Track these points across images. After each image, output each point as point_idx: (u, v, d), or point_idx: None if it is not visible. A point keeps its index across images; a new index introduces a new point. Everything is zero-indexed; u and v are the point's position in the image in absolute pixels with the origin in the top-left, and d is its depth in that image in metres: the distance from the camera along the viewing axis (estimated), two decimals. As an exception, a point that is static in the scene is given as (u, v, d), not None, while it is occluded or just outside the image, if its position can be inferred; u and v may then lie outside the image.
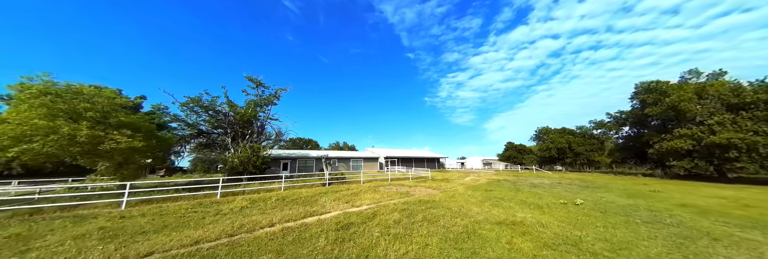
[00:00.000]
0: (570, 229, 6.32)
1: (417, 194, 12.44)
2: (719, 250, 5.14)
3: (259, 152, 16.95)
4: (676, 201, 11.20)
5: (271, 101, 19.72)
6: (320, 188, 14.20)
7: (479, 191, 13.71)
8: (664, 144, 25.68)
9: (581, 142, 41.89)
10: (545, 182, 20.27)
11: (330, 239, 5.29)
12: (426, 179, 20.81)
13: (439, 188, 14.96)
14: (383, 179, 19.70)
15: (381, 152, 34.28)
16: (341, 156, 27.80)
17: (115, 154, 10.45)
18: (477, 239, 5.42)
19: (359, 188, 14.06)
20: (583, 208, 9.13)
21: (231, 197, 11.27)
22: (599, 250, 4.90)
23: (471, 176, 25.17)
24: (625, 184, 19.62)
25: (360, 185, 15.69)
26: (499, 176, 26.74)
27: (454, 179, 22.53)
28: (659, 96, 27.27)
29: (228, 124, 16.87)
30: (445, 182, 18.60)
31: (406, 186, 15.78)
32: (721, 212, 8.88)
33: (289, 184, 14.77)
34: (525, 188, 15.08)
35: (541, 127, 48.11)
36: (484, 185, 17.13)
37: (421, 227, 6.23)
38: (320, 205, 9.26)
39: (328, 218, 7.25)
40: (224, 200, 10.53)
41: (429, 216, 7.43)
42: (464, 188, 15.08)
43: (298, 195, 11.65)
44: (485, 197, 11.29)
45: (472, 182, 19.00)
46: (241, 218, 7.34)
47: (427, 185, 16.31)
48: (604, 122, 39.25)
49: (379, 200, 10.19)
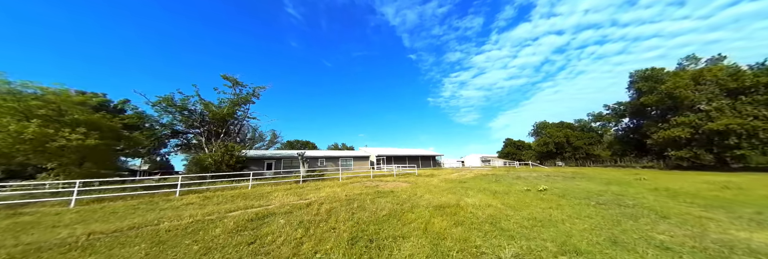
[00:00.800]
0: (505, 210, 5.82)
1: (384, 187, 11.98)
2: (660, 226, 4.59)
3: (233, 151, 16.76)
4: (652, 186, 10.49)
5: (248, 100, 19.60)
6: (290, 185, 13.85)
7: (453, 183, 13.18)
8: (661, 134, 24.63)
9: (579, 136, 40.75)
10: (533, 175, 19.54)
11: (228, 229, 4.91)
12: (410, 175, 20.28)
13: (414, 182, 14.45)
14: (365, 175, 19.27)
15: (372, 150, 33.81)
16: (329, 155, 27.48)
17: (68, 152, 10.35)
18: (392, 221, 4.99)
19: (329, 184, 13.68)
20: (545, 193, 8.55)
21: (189, 195, 11.02)
22: (515, 227, 4.42)
23: (461, 172, 24.51)
24: (616, 175, 18.76)
25: (335, 182, 15.30)
26: (492, 171, 26.02)
27: (441, 174, 21.95)
28: (654, 84, 26.29)
29: (201, 123, 16.77)
30: (427, 177, 18.07)
31: (383, 181, 15.32)
32: (694, 194, 8.21)
33: (261, 182, 14.47)
34: (505, 180, 14.47)
35: (539, 122, 47.08)
36: (466, 178, 16.55)
37: (346, 213, 5.82)
38: (266, 199, 8.91)
39: (256, 211, 6.89)
40: (178, 198, 10.28)
41: (367, 204, 7.00)
42: (441, 181, 14.55)
43: (260, 192, 11.33)
44: (452, 187, 10.78)
45: (457, 177, 18.41)
46: (169, 212, 7.06)
47: (404, 180, 15.83)
48: (603, 115, 38.13)
49: (336, 193, 9.79)
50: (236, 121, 19.43)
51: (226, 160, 16.50)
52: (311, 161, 25.98)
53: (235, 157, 16.83)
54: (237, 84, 19.25)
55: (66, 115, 10.89)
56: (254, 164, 22.95)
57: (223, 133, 17.72)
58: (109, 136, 12.46)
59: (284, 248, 3.76)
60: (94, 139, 11.06)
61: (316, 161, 26.18)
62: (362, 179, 17.71)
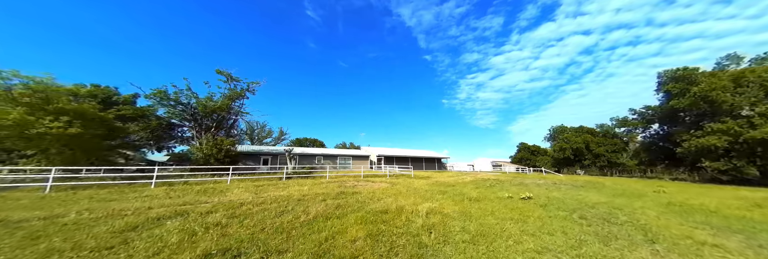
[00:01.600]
0: (454, 219, 4.87)
1: (359, 187, 11.23)
2: (634, 255, 3.47)
3: (222, 145, 16.72)
4: (667, 200, 8.88)
5: (242, 95, 19.63)
6: (269, 182, 13.46)
7: (438, 186, 12.15)
8: (693, 142, 21.82)
9: (601, 142, 37.58)
10: (538, 182, 17.93)
11: (114, 229, 4.34)
12: (402, 177, 19.34)
13: (398, 184, 13.56)
14: (355, 175, 18.59)
15: (373, 150, 33.09)
16: (328, 153, 27.11)
17: (49, 139, 10.59)
18: (301, 229, 4.24)
19: (307, 182, 13.13)
20: (526, 202, 7.38)
21: (162, 187, 10.90)
22: (439, 241, 3.51)
23: (462, 176, 23.14)
24: (634, 186, 16.68)
25: (317, 180, 14.75)
26: (496, 176, 24.37)
27: (437, 177, 20.80)
28: (687, 85, 23.43)
29: (192, 116, 16.92)
30: (418, 179, 17.09)
31: (368, 181, 14.57)
32: (713, 211, 6.71)
33: (243, 177, 14.23)
34: (498, 187, 13.19)
35: (556, 127, 44.12)
36: (459, 183, 15.39)
37: (262, 216, 5.14)
38: (220, 195, 8.46)
39: (181, 208, 6.40)
40: (149, 189, 10.16)
41: (309, 206, 6.28)
42: (427, 184, 13.53)
43: (225, 187, 10.96)
44: (430, 190, 9.81)
45: (450, 181, 17.24)
46: (116, 204, 6.78)
47: (390, 181, 14.98)
48: (628, 120, 34.92)
49: (297, 192, 9.17)
50: (229, 115, 19.50)
51: (215, 154, 16.48)
52: (309, 159, 25.73)
53: (225, 151, 16.78)
54: (231, 79, 19.32)
55: (51, 104, 11.18)
56: (251, 160, 23.03)
57: (215, 127, 17.78)
58: (95, 125, 12.74)
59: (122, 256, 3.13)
60: (77, 128, 11.26)
61: (313, 158, 25.89)
62: (350, 178, 17.04)
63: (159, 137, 17.70)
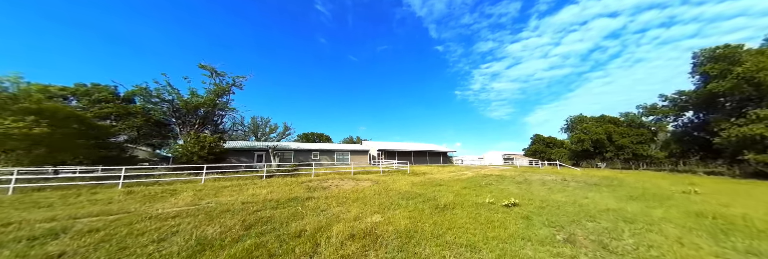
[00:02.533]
0: (380, 246, 3.59)
1: (333, 189, 10.16)
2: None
3: (205, 142, 16.17)
4: (699, 206, 7.09)
5: (227, 90, 18.92)
6: (244, 181, 12.70)
7: (426, 186, 10.83)
8: (733, 131, 18.86)
9: (625, 132, 34.26)
10: (546, 179, 16.17)
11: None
12: (395, 173, 18.13)
13: (382, 182, 12.37)
14: (345, 171, 17.58)
15: (373, 144, 31.94)
16: (324, 149, 26.28)
17: (17, 139, 10.27)
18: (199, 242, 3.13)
19: (281, 182, 12.23)
20: (507, 212, 5.93)
21: (124, 189, 10.37)
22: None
23: (463, 172, 21.58)
24: (660, 183, 14.51)
25: (296, 178, 13.86)
26: (502, 172, 22.57)
27: (433, 173, 19.44)
28: (728, 66, 20.13)
29: (175, 113, 16.44)
30: (409, 176, 15.82)
31: (350, 179, 13.51)
32: (762, 231, 4.97)
33: (221, 176, 13.60)
34: (496, 186, 11.67)
35: (574, 116, 40.82)
36: (453, 180, 13.99)
37: (141, 239, 4.11)
38: (162, 200, 7.63)
39: (83, 221, 5.53)
40: (106, 192, 9.62)
41: (211, 225, 5.22)
42: (414, 182, 12.24)
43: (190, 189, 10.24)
44: (408, 193, 8.54)
45: (446, 177, 15.84)
46: (19, 214, 6.06)
47: (377, 179, 13.82)
48: (657, 107, 31.40)
49: (253, 196, 8.20)
50: (216, 111, 18.92)
51: (198, 151, 15.98)
52: (305, 155, 25.07)
53: (208, 148, 16.24)
54: (216, 74, 18.59)
55: (17, 103, 10.83)
56: (244, 156, 22.63)
57: (199, 123, 17.26)
58: (69, 124, 12.42)
59: None
60: (44, 127, 10.89)
61: (309, 154, 25.19)
62: (337, 175, 16.05)
63: (148, 135, 17.46)
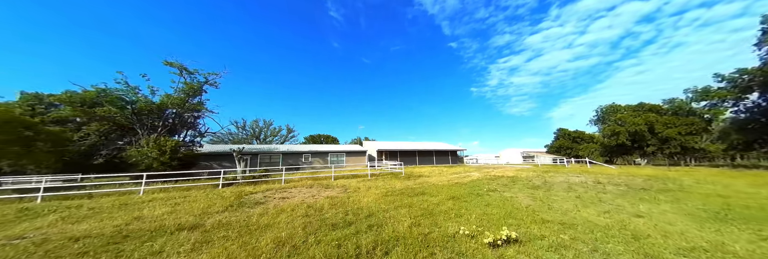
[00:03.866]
0: None
1: (279, 201, 7.70)
2: None
3: (166, 146, 14.36)
4: None
5: (199, 89, 17.14)
6: (191, 192, 10.57)
7: (405, 197, 8.01)
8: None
9: (670, 122, 29.02)
10: (573, 181, 12.79)
11: None
12: (385, 177, 15.37)
13: (354, 191, 9.71)
14: (325, 176, 15.08)
15: (373, 144, 29.24)
16: (316, 150, 24.00)
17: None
18: None
19: (218, 194, 9.94)
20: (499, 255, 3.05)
21: (33, 203, 8.54)
22: None
23: (472, 173, 18.34)
24: (737, 186, 10.63)
25: (256, 187, 11.55)
26: (518, 172, 19.04)
27: (436, 175, 16.48)
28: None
29: (133, 115, 14.77)
30: (399, 181, 13.05)
31: (323, 187, 10.98)
32: None
33: (171, 186, 11.62)
34: (503, 193, 8.60)
35: (606, 106, 35.77)
36: (451, 185, 11.03)
37: None
38: (14, 224, 5.48)
39: None
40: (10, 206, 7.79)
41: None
42: (395, 190, 9.43)
43: (99, 204, 8.18)
44: (354, 216, 5.84)
45: (445, 182, 12.84)
46: None
47: (356, 185, 11.17)
48: (711, 90, 26.14)
49: (142, 219, 5.87)
50: (189, 113, 17.17)
51: (158, 156, 14.18)
52: (295, 157, 22.94)
53: (170, 153, 14.41)
54: (185, 71, 16.84)
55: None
56: (226, 160, 20.88)
57: (164, 126, 15.52)
58: (7, 130, 11.00)
59: None
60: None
61: (299, 156, 23.02)
62: (312, 181, 13.58)
63: (117, 140, 16.04)
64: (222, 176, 12.05)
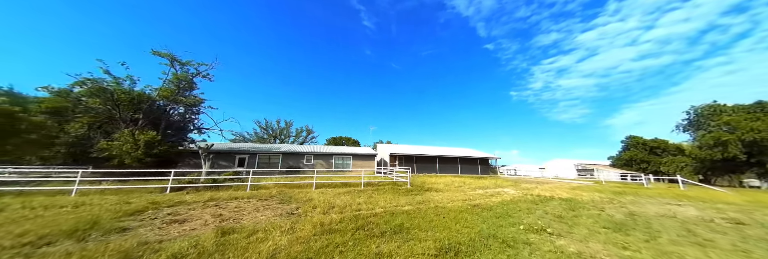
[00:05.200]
0: None
1: (160, 227, 4.78)
2: None
3: (140, 141, 12.83)
4: None
5: (188, 82, 15.73)
6: (132, 196, 8.37)
7: (366, 237, 4.47)
8: None
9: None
10: (683, 214, 7.81)
11: None
12: (385, 187, 11.75)
13: (313, 209, 6.43)
14: (307, 183, 12.02)
15: (386, 148, 25.56)
16: (319, 152, 21.21)
17: None
18: None
19: (147, 199, 7.41)
20: None
21: None
22: None
23: (506, 190, 13.72)
24: None
25: (202, 195, 8.95)
26: (580, 192, 13.78)
27: (454, 189, 12.39)
28: None
29: (115, 107, 13.65)
30: (398, 195, 9.35)
31: (279, 203, 7.95)
32: None
33: (113, 186, 9.71)
34: (561, 237, 4.47)
35: (703, 106, 27.08)
36: (470, 211, 7.01)
37: None
38: None
39: None
40: None
41: None
42: (337, 219, 5.88)
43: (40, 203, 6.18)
44: None
45: (466, 202, 8.76)
46: None
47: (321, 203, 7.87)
48: None
49: None
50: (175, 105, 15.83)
51: (131, 151, 12.70)
52: (295, 159, 20.55)
53: (143, 148, 12.86)
54: (176, 62, 15.55)
55: None
56: (223, 159, 19.27)
57: (143, 119, 14.19)
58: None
59: None
60: None
61: (300, 158, 20.55)
62: (285, 188, 10.61)
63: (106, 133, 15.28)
64: (171, 177, 9.76)
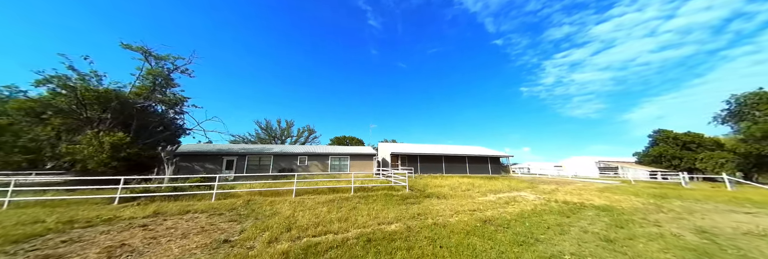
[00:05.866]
0: None
1: None
2: None
3: (105, 144, 11.49)
4: None
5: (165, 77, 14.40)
6: (69, 209, 6.92)
7: None
8: None
9: None
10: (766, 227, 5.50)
11: None
12: (379, 192, 9.92)
13: (266, 229, 4.70)
14: (286, 190, 10.29)
15: (388, 146, 23.67)
16: (313, 152, 19.56)
17: None
18: None
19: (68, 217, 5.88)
20: None
21: None
22: None
23: (522, 194, 11.70)
24: None
25: (145, 208, 7.40)
26: (610, 194, 11.55)
27: (458, 196, 10.44)
28: None
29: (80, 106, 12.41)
30: (394, 203, 7.55)
31: (225, 218, 6.30)
32: None
33: (43, 197, 8.32)
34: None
35: (746, 94, 23.95)
36: (485, 227, 5.16)
37: None
38: None
39: None
40: None
41: None
42: (282, 250, 4.11)
43: None
44: None
45: (476, 211, 6.91)
46: None
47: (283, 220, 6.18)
48: None
49: None
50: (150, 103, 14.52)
51: (92, 154, 11.39)
52: (288, 160, 18.99)
53: (108, 151, 11.52)
54: (150, 56, 14.23)
55: None
56: (210, 162, 17.89)
57: (111, 119, 12.89)
58: None
59: None
60: None
61: (293, 159, 18.97)
62: (254, 196, 8.93)
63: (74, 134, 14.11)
64: (120, 186, 8.27)
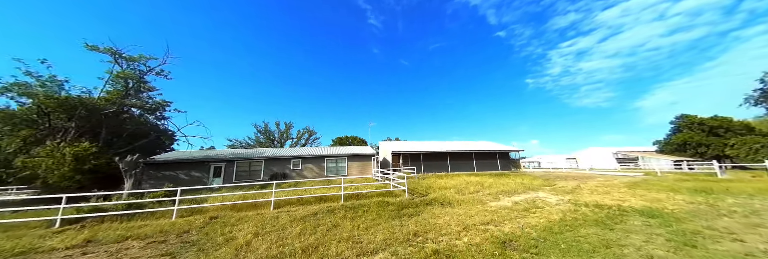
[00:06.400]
0: None
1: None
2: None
3: (66, 156, 10.30)
4: None
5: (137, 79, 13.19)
6: (10, 238, 5.65)
7: None
8: None
9: None
10: None
11: None
12: (373, 199, 8.45)
13: None
14: (266, 202, 8.90)
15: (388, 146, 22.20)
16: (308, 154, 18.23)
17: None
18: None
19: None
20: None
21: None
22: None
23: (540, 195, 10.14)
24: None
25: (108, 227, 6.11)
26: (644, 191, 9.90)
27: (467, 198, 8.94)
28: None
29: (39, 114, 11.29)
30: (388, 217, 6.09)
31: (169, 244, 4.92)
32: None
33: None
34: None
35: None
36: (503, 244, 3.69)
37: None
38: None
39: None
40: None
41: None
42: None
43: None
44: None
45: (489, 223, 5.44)
46: None
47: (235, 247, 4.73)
48: None
49: None
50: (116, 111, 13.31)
51: (52, 167, 10.21)
52: (281, 164, 17.68)
53: (71, 163, 10.33)
54: (120, 58, 13.02)
55: None
56: (196, 169, 16.67)
57: (75, 127, 11.73)
58: None
59: None
60: None
61: (286, 163, 17.65)
62: (230, 211, 7.56)
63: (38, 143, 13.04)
64: (62, 206, 7.01)
